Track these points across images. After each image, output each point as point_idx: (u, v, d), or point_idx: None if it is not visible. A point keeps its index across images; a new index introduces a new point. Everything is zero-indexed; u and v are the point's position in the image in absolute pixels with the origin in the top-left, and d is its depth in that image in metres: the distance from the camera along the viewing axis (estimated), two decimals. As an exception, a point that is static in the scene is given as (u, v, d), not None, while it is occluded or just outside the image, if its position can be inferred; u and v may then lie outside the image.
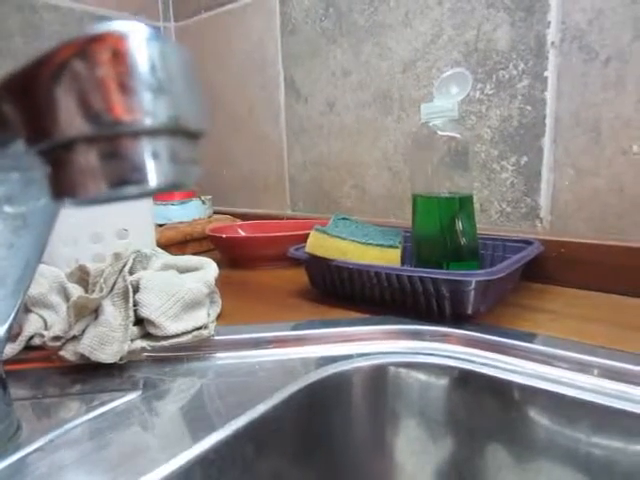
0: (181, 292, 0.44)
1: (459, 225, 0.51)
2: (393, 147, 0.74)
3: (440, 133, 0.50)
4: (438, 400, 0.39)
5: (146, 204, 0.60)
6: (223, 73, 1.01)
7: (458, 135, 0.50)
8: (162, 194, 0.92)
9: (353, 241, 0.50)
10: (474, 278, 0.41)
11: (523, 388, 0.35)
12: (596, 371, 0.34)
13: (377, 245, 0.50)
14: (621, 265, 0.53)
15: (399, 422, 0.41)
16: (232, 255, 0.73)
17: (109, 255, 0.47)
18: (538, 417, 0.35)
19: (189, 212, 0.88)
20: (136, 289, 0.43)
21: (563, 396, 0.33)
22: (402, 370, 0.40)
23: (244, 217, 0.92)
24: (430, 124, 0.51)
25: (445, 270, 0.48)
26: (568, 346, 0.37)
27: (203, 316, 0.44)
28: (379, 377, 0.40)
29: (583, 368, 0.35)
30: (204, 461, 0.28)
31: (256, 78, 0.94)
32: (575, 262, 0.55)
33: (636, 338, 0.40)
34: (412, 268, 0.45)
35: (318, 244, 0.50)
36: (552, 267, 0.57)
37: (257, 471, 0.33)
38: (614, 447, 0.33)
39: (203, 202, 0.93)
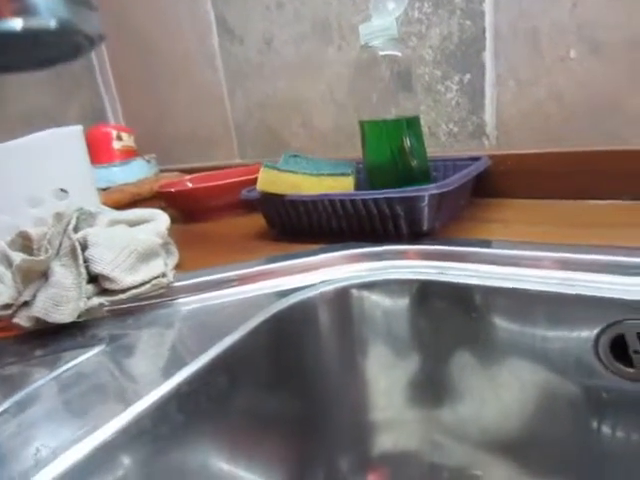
0: (133, 244, 0.42)
1: (409, 147, 0.51)
2: (337, 79, 0.72)
3: (381, 53, 0.49)
4: (403, 315, 0.40)
5: (82, 163, 0.56)
6: (154, 21, 0.94)
7: (399, 54, 0.49)
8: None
9: (305, 174, 0.49)
10: (427, 192, 0.41)
11: (481, 290, 0.36)
12: (549, 264, 0.36)
13: (330, 175, 0.50)
14: (565, 171, 0.54)
15: (367, 342, 0.42)
16: (185, 209, 0.71)
17: (51, 216, 0.45)
18: (498, 316, 0.37)
19: (133, 172, 0.84)
20: (84, 246, 0.41)
21: (520, 291, 0.35)
22: (365, 291, 0.40)
23: (193, 172, 0.88)
24: (370, 45, 0.50)
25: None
26: (520, 246, 0.39)
27: (160, 265, 0.43)
28: (343, 301, 0.41)
29: (536, 263, 0.36)
30: (178, 395, 0.28)
31: (186, 22, 0.88)
32: (521, 173, 0.57)
33: (582, 234, 0.42)
34: (365, 191, 0.45)
35: (269, 180, 0.49)
36: (501, 181, 0.58)
37: (234, 402, 0.33)
38: (568, 336, 0.35)
39: (147, 161, 0.89)
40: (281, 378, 0.39)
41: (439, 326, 0.40)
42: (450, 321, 0.39)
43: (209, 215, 0.69)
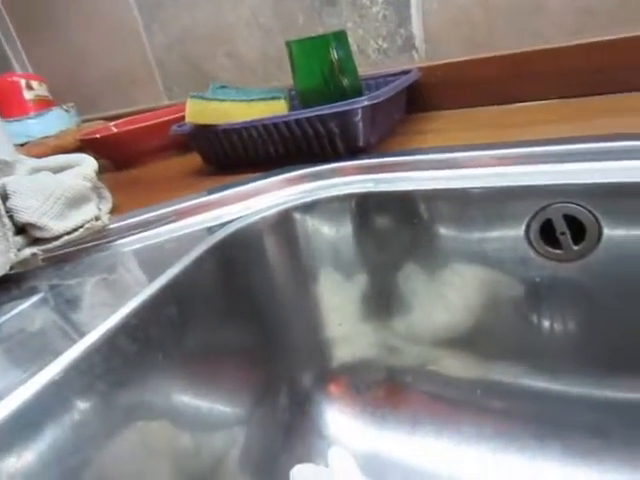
0: (60, 189, 0.40)
1: (338, 64, 0.50)
2: (260, 1, 0.68)
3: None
4: (347, 231, 0.41)
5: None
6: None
7: (318, -37, 0.47)
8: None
9: (234, 101, 0.47)
10: (359, 105, 0.41)
11: (420, 195, 0.37)
12: (482, 162, 0.37)
13: (260, 100, 0.48)
14: (493, 77, 0.55)
15: (315, 262, 0.43)
16: (114, 156, 0.67)
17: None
18: (438, 220, 0.38)
19: (51, 124, 0.78)
20: (5, 197, 0.38)
21: (457, 191, 0.36)
22: (307, 211, 0.40)
23: (118, 119, 0.83)
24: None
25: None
26: (454, 149, 0.39)
27: (92, 209, 0.41)
28: (287, 224, 0.40)
29: (470, 163, 0.37)
30: (126, 327, 0.27)
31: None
32: (451, 83, 0.57)
33: (513, 133, 0.43)
34: (298, 111, 0.44)
35: (198, 111, 0.47)
36: (432, 93, 0.58)
37: (187, 331, 0.33)
38: (502, 230, 0.37)
39: (66, 110, 0.82)
40: (234, 305, 0.39)
41: (383, 237, 0.41)
42: (393, 231, 0.40)
43: (141, 159, 0.65)
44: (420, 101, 0.58)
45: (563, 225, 0.33)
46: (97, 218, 0.40)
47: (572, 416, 0.38)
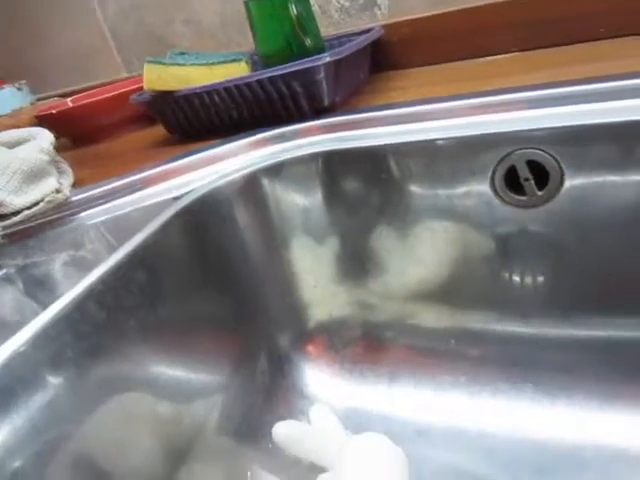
0: (15, 164, 0.38)
1: (299, 24, 0.49)
2: (213, -37, 0.65)
3: None
4: (315, 191, 0.41)
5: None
6: None
7: None
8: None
9: (194, 65, 0.46)
10: (321, 62, 0.40)
11: (386, 149, 0.37)
12: (447, 113, 0.37)
13: (221, 63, 0.47)
14: (458, 31, 0.55)
15: (285, 224, 0.42)
16: (72, 131, 0.65)
17: None
18: (406, 174, 0.38)
19: (4, 103, 0.75)
20: (-44, 174, 0.37)
21: (423, 143, 0.36)
22: (274, 173, 0.40)
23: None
24: None
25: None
26: (420, 102, 0.39)
27: (52, 183, 0.40)
28: (254, 187, 0.40)
29: (435, 115, 0.37)
30: (93, 293, 0.27)
31: None
32: (415, 40, 0.56)
33: (477, 85, 0.43)
34: (260, 71, 0.43)
35: (156, 77, 0.45)
36: (397, 51, 0.58)
37: (160, 296, 0.33)
38: (468, 180, 0.37)
39: (18, 88, 0.79)
40: (206, 272, 0.39)
41: (352, 196, 0.41)
42: (362, 189, 0.40)
43: (102, 135, 0.63)
44: (385, 60, 0.58)
45: (526, 171, 0.34)
46: (58, 191, 0.39)
47: (542, 357, 0.39)
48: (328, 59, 0.40)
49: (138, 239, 0.31)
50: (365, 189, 0.40)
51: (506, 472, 0.36)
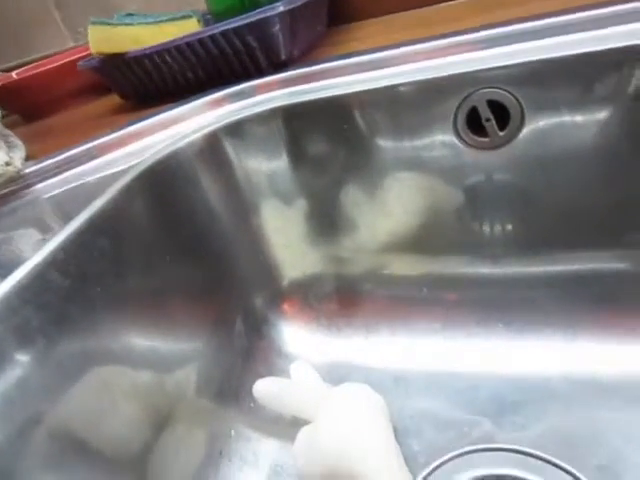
0: (-42, 138, 0.36)
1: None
2: None
3: None
4: (278, 147, 0.40)
5: None
6: None
7: None
8: None
9: (142, 24, 0.44)
10: (275, 12, 0.39)
11: (348, 99, 0.36)
12: (407, 58, 0.36)
13: (170, 20, 0.45)
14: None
15: (251, 184, 0.42)
16: (20, 106, 0.61)
17: None
18: (368, 123, 0.38)
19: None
20: None
21: (382, 89, 0.35)
22: (235, 132, 0.39)
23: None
24: None
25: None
26: (380, 50, 0.38)
27: (1, 156, 0.38)
28: (215, 149, 0.39)
29: (395, 61, 0.36)
30: (54, 261, 0.26)
31: None
32: (372, -10, 0.55)
33: (437, 30, 0.42)
34: (212, 26, 0.41)
35: (103, 38, 0.43)
36: (354, 2, 0.56)
37: (127, 264, 0.32)
38: (431, 125, 0.37)
39: (-43, 64, 0.74)
40: (174, 237, 0.38)
41: (316, 152, 0.40)
42: (325, 143, 0.40)
43: (52, 107, 0.60)
44: (343, 12, 0.56)
45: (487, 111, 0.34)
46: (8, 164, 0.37)
47: (512, 296, 0.40)
48: (282, 9, 0.38)
49: (97, 205, 0.30)
50: (329, 144, 0.40)
51: (483, 410, 0.37)
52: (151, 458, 0.33)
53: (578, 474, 0.31)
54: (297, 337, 0.44)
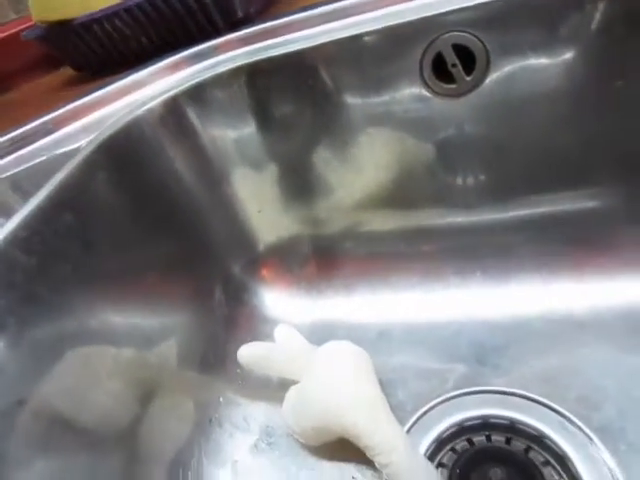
0: None
1: None
2: None
3: None
4: (243, 108, 0.39)
5: None
6: None
7: None
8: None
9: (86, -13, 0.41)
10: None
11: (312, 52, 0.35)
12: (373, 4, 0.35)
13: (116, -18, 0.42)
14: None
15: (221, 154, 0.41)
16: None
17: None
18: (335, 78, 0.37)
19: None
20: None
21: (346, 40, 0.34)
22: (197, 95, 0.37)
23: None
24: None
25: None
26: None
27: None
28: (178, 115, 0.37)
29: (355, 11, 0.35)
30: (17, 240, 0.25)
31: None
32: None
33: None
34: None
35: (46, 5, 0.40)
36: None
37: (94, 237, 0.31)
38: (396, 75, 0.36)
39: None
40: (144, 210, 0.37)
41: (282, 113, 0.39)
42: (291, 103, 0.38)
43: (1, 85, 0.57)
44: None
45: (453, 56, 0.33)
46: (-43, 145, 0.35)
47: (488, 243, 0.40)
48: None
49: (57, 179, 0.28)
50: (296, 103, 0.39)
51: (465, 357, 0.38)
52: (141, 432, 0.33)
53: (559, 408, 0.32)
54: (278, 301, 0.44)
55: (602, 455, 0.29)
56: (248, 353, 0.35)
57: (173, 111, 0.37)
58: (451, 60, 0.33)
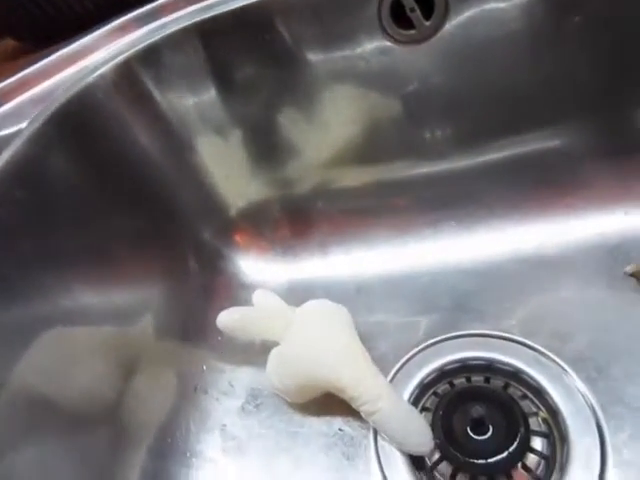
0: None
1: None
2: None
3: None
4: (201, 74, 0.37)
5: None
6: None
7: None
8: None
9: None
10: None
11: (263, 4, 0.34)
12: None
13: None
14: None
15: (182, 120, 0.39)
16: None
17: None
18: (291, 31, 0.35)
19: None
20: None
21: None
22: (151, 57, 0.35)
23: None
24: None
25: None
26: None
27: None
28: (132, 81, 0.36)
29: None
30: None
31: None
32: None
33: None
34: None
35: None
36: None
37: (54, 213, 0.30)
38: (358, 32, 0.35)
39: None
40: (106, 183, 0.35)
41: (242, 72, 0.38)
42: (251, 60, 0.37)
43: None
44: None
45: (411, 0, 0.32)
46: None
47: (459, 193, 0.41)
48: None
49: (6, 155, 0.27)
50: (255, 63, 0.37)
51: (443, 304, 0.38)
52: (125, 407, 0.33)
53: (534, 344, 0.33)
54: (254, 266, 0.44)
55: (576, 384, 0.30)
56: (227, 319, 0.35)
57: (127, 76, 0.35)
58: (409, 4, 0.32)
